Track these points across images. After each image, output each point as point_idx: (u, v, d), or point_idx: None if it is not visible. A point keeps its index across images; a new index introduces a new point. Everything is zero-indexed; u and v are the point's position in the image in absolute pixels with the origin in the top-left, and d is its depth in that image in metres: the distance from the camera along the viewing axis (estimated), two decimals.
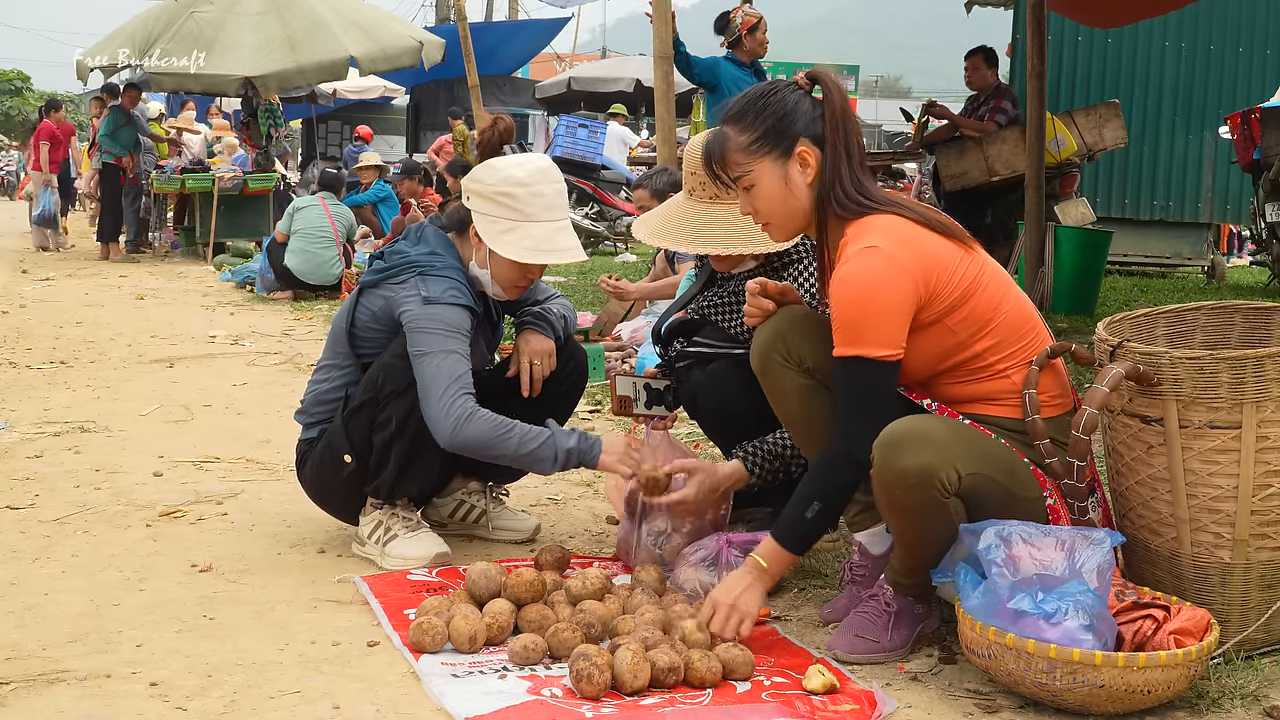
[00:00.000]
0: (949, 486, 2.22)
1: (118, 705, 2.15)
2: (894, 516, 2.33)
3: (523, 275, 2.97)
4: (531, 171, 2.90)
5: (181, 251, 13.59)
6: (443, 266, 2.92)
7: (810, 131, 2.38)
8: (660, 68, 6.53)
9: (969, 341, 2.35)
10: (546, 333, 3.12)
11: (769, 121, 2.39)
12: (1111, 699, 2.04)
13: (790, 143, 2.38)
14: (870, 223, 2.35)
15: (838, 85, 2.42)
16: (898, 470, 2.22)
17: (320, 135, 23.16)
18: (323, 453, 3.00)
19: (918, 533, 2.32)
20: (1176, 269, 12.03)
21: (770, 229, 2.48)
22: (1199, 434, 2.23)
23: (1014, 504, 2.30)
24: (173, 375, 5.85)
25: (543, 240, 2.89)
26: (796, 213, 2.42)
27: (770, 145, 2.38)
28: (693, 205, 2.99)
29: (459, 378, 2.80)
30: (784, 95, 2.40)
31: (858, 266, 2.30)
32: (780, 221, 2.45)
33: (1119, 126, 8.65)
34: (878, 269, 2.28)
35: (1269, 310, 2.57)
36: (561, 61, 32.10)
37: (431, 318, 2.84)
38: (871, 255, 2.29)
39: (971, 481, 2.24)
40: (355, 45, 12.42)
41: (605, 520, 3.41)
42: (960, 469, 2.22)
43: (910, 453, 2.21)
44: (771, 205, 2.43)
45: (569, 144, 14.43)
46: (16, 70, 50.13)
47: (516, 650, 2.33)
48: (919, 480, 2.21)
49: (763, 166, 2.40)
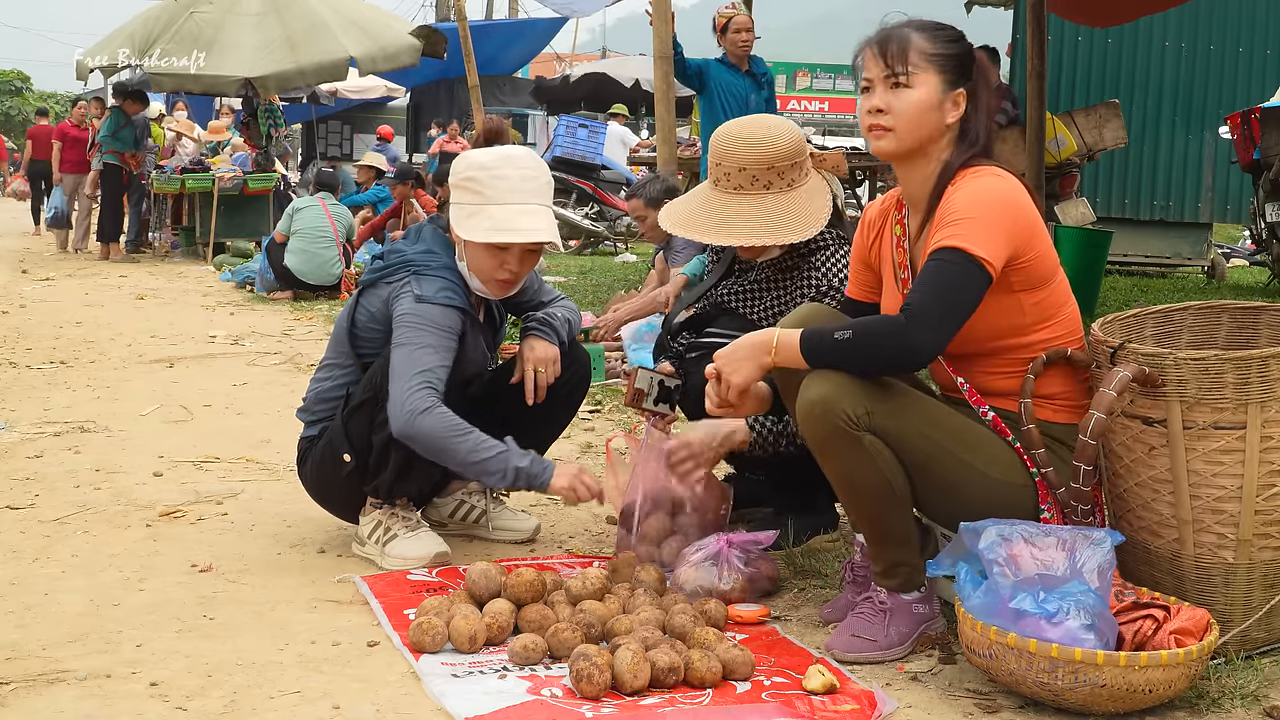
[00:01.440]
0: (854, 418, 2.25)
1: (118, 705, 2.14)
2: (817, 458, 2.37)
3: (498, 265, 2.90)
4: (497, 157, 2.89)
5: (181, 251, 13.59)
6: (438, 266, 2.92)
7: (971, 85, 2.43)
8: (660, 68, 6.53)
9: (1030, 328, 2.38)
10: (551, 339, 3.10)
11: (957, 50, 2.42)
12: (1113, 698, 2.04)
13: (959, 79, 2.41)
14: (992, 168, 2.40)
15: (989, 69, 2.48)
16: (804, 401, 2.29)
17: (320, 135, 23.16)
18: (323, 451, 3.00)
19: (843, 478, 2.34)
20: (1176, 269, 12.03)
21: (888, 135, 2.42)
22: (1203, 435, 2.23)
23: (989, 485, 2.32)
24: (173, 375, 5.85)
25: (503, 221, 2.84)
26: (922, 134, 2.40)
27: (948, 68, 2.41)
28: (718, 195, 2.97)
29: (426, 370, 2.78)
30: (968, 45, 2.46)
31: (989, 181, 2.35)
32: (903, 133, 2.41)
33: (1119, 126, 8.65)
34: (1007, 189, 2.34)
35: (1256, 310, 2.57)
36: (562, 61, 32.09)
37: (418, 314, 2.84)
38: (1002, 178, 2.36)
39: (887, 423, 2.27)
40: (355, 45, 12.42)
41: (605, 520, 3.41)
42: (869, 406, 2.26)
43: (816, 387, 2.28)
44: (910, 114, 2.39)
45: (569, 144, 14.43)
46: (16, 70, 50.12)
47: (516, 650, 2.33)
48: (822, 410, 2.26)
49: (930, 79, 2.40)
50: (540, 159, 2.98)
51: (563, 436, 3.91)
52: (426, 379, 2.78)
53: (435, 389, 2.78)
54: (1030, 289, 2.36)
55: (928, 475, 2.32)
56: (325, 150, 22.60)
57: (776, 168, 2.90)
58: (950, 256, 2.27)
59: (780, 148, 2.91)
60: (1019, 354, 2.40)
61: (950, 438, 2.32)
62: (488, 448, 2.76)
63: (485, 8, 30.34)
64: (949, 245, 2.27)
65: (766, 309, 3.08)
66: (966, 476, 2.32)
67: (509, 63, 21.97)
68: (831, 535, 3.17)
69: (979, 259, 2.25)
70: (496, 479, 2.78)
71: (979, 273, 2.26)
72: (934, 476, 2.32)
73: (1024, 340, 2.39)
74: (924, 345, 2.24)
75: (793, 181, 2.93)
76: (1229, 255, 13.81)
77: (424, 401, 2.75)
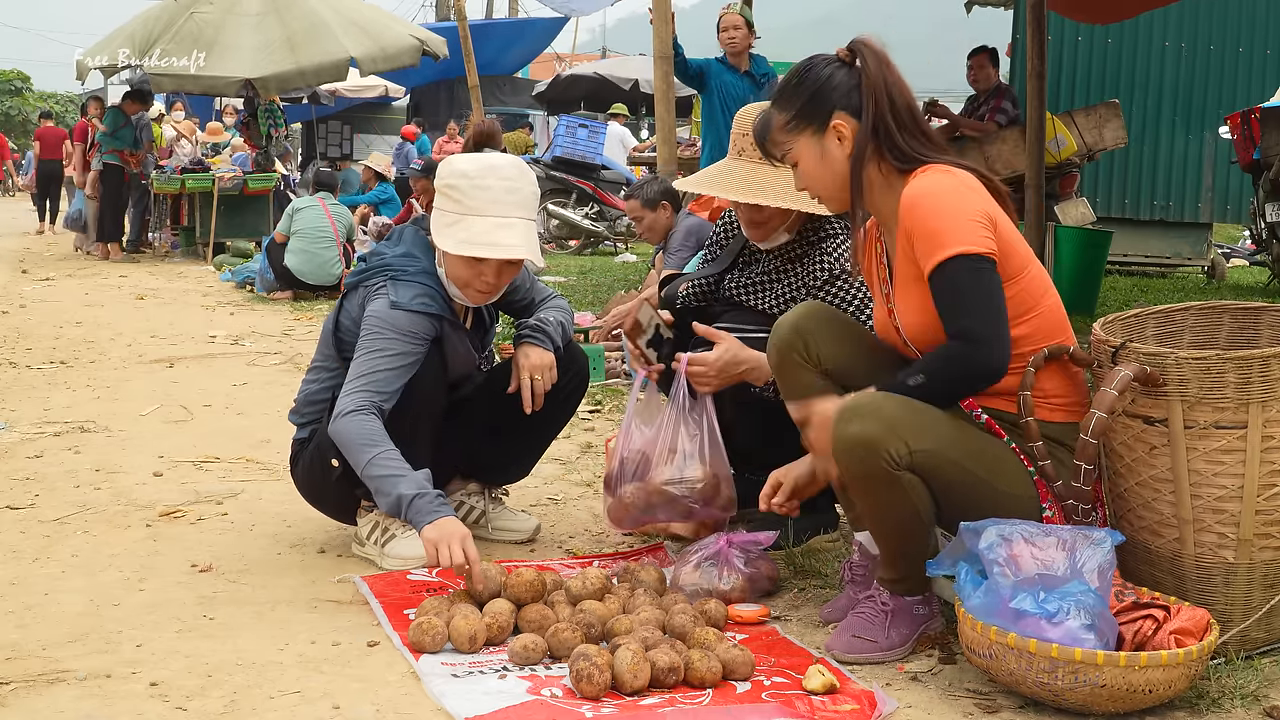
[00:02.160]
0: (897, 458, 2.22)
1: (118, 705, 2.14)
2: (854, 492, 2.36)
3: (475, 276, 2.88)
4: (481, 166, 2.86)
5: (181, 251, 13.58)
6: (415, 271, 2.90)
7: (847, 104, 2.39)
8: (660, 68, 6.54)
9: (1012, 321, 2.35)
10: (545, 346, 3.06)
11: (804, 97, 2.42)
12: (1113, 698, 2.04)
13: (825, 117, 2.40)
14: (938, 166, 2.37)
15: (875, 52, 2.41)
16: (845, 439, 2.25)
17: (320, 135, 23.16)
18: (312, 456, 2.99)
19: (880, 511, 2.32)
20: (1176, 269, 12.02)
21: (823, 202, 2.52)
22: (1204, 434, 2.23)
23: (998, 499, 2.29)
24: (173, 375, 5.85)
25: (479, 234, 2.81)
26: (837, 183, 2.44)
27: (806, 121, 2.42)
28: (742, 163, 3.03)
29: (367, 375, 2.79)
30: (818, 70, 2.42)
31: (929, 180, 2.32)
32: (828, 194, 2.48)
33: (1119, 126, 8.65)
34: (949, 183, 2.32)
35: (1257, 310, 2.57)
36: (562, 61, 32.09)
37: (382, 319, 2.83)
38: (942, 174, 2.33)
39: (927, 460, 2.24)
40: (355, 45, 12.41)
41: (605, 520, 3.41)
42: (910, 443, 2.22)
43: (857, 422, 2.24)
44: (814, 179, 2.46)
45: (569, 144, 14.43)
46: (16, 70, 50.10)
47: (516, 650, 2.33)
48: (866, 451, 2.22)
49: (801, 143, 2.43)
50: (526, 169, 2.93)
51: (562, 436, 3.91)
52: (364, 384, 2.79)
53: (371, 394, 2.78)
54: (1005, 282, 2.33)
55: (952, 497, 2.30)
56: (325, 150, 22.60)
57: None
58: (950, 271, 2.26)
59: None
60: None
61: (975, 460, 2.30)
62: (384, 468, 2.70)
63: (485, 7, 30.34)
64: (948, 256, 2.26)
65: (777, 298, 3.07)
66: (988, 495, 2.30)
67: (509, 63, 21.99)
68: (831, 535, 3.17)
69: (969, 253, 2.25)
70: (380, 499, 2.74)
71: (977, 261, 2.26)
72: (958, 498, 2.30)
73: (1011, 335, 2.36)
74: (996, 358, 2.27)
75: None
76: (1229, 255, 13.81)
77: (351, 405, 2.76)
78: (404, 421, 2.83)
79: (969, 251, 2.25)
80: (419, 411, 2.89)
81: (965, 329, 2.27)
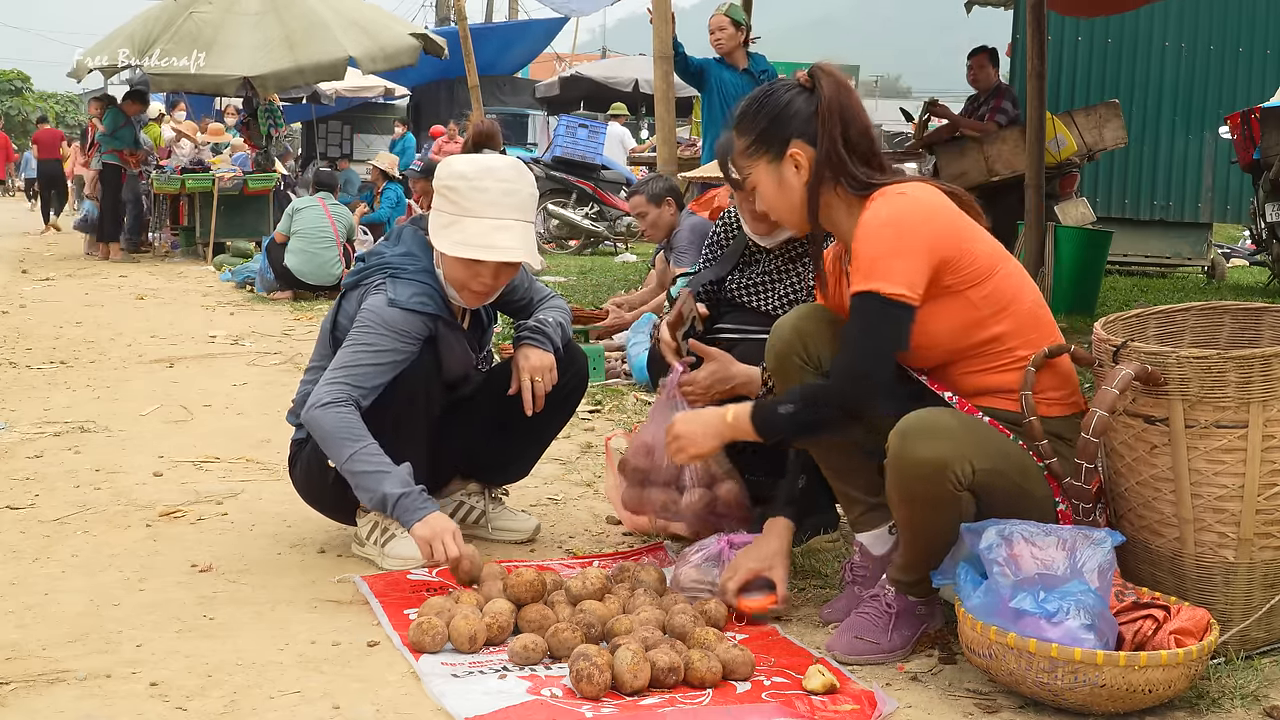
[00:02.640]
0: (962, 480, 2.22)
1: (118, 705, 2.14)
2: (904, 507, 2.32)
3: (471, 277, 2.87)
4: (479, 168, 2.84)
5: (181, 251, 13.59)
6: (414, 270, 2.90)
7: (804, 131, 2.40)
8: (660, 68, 6.54)
9: (988, 321, 2.36)
10: (545, 347, 3.05)
11: (763, 124, 2.44)
12: (1113, 698, 2.04)
13: (782, 145, 2.42)
14: (897, 187, 2.38)
15: (834, 79, 2.42)
16: (913, 460, 2.22)
17: (320, 135, 23.15)
18: (310, 455, 2.99)
19: (925, 525, 2.31)
20: (1176, 269, 12.03)
21: (784, 225, 2.55)
22: (1205, 433, 2.23)
23: (1026, 502, 2.30)
24: (173, 375, 5.85)
25: (475, 236, 2.80)
26: (795, 209, 2.46)
27: (764, 148, 2.44)
28: None
29: (350, 368, 2.79)
30: (778, 97, 2.43)
31: (885, 205, 2.33)
32: (787, 218, 2.51)
33: (1119, 126, 8.65)
34: (905, 209, 2.32)
35: (1258, 310, 2.58)
36: (562, 61, 32.09)
37: (377, 316, 2.83)
38: (900, 199, 2.34)
39: (985, 478, 2.24)
40: (354, 45, 12.41)
41: (605, 520, 3.41)
42: (975, 464, 2.22)
43: (927, 443, 2.21)
44: (773, 204, 2.49)
45: (569, 144, 14.43)
46: (16, 70, 50.10)
47: (516, 650, 2.33)
48: (934, 471, 2.21)
49: (759, 168, 2.46)
50: (524, 171, 2.92)
51: (562, 436, 3.91)
52: (344, 376, 2.78)
53: (351, 387, 2.77)
54: (973, 285, 2.35)
55: (996, 507, 2.29)
56: (325, 150, 22.59)
57: None
58: (862, 304, 2.30)
59: None
60: (990, 348, 2.38)
61: (1016, 470, 2.30)
62: (368, 463, 2.69)
63: (485, 9, 30.34)
64: (859, 290, 2.30)
65: (780, 299, 3.07)
66: (1023, 501, 2.30)
67: (509, 63, 21.99)
68: (831, 535, 3.17)
69: (888, 295, 2.26)
70: (364, 495, 2.73)
71: (896, 309, 2.27)
72: (1001, 507, 2.29)
73: (988, 333, 2.37)
74: (863, 397, 2.31)
75: None
76: (1229, 255, 13.82)
77: (329, 396, 2.75)
78: (394, 420, 2.83)
79: (885, 293, 2.27)
80: (409, 410, 2.88)
81: (845, 363, 2.33)
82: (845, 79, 2.45)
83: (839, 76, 2.44)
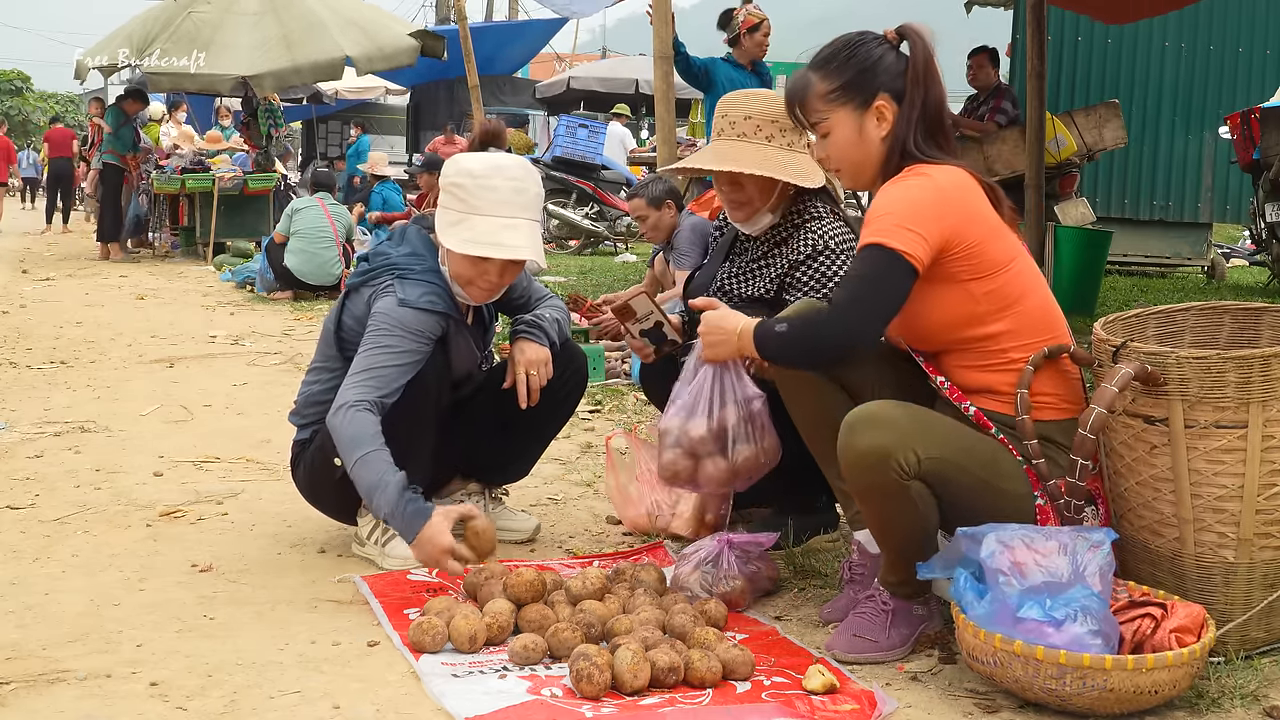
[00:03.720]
0: (907, 468, 2.23)
1: (118, 705, 2.14)
2: (861, 501, 2.36)
3: (478, 274, 2.87)
4: (487, 165, 2.85)
5: (181, 251, 13.59)
6: (422, 270, 2.89)
7: (891, 86, 2.41)
8: (660, 68, 6.53)
9: (987, 318, 2.36)
10: (541, 341, 3.06)
11: (851, 72, 2.42)
12: (1119, 701, 2.04)
13: (870, 95, 2.42)
14: (931, 166, 2.39)
15: (924, 43, 2.43)
16: (856, 450, 2.25)
17: (320, 135, 23.15)
18: (314, 456, 2.99)
19: (886, 518, 2.33)
20: (1176, 269, 12.03)
21: (841, 175, 2.53)
22: (1204, 433, 2.23)
23: (995, 498, 2.30)
24: (173, 375, 5.85)
25: (484, 234, 2.80)
26: (866, 163, 2.46)
27: (850, 96, 2.42)
28: (720, 141, 3.08)
29: (372, 369, 2.77)
30: (870, 48, 2.43)
31: (901, 183, 2.36)
32: (850, 170, 2.49)
33: (1119, 126, 8.65)
34: (919, 185, 2.34)
35: (1258, 311, 2.58)
36: (561, 61, 32.09)
37: (391, 317, 2.82)
38: (918, 178, 2.36)
39: (935, 466, 2.25)
40: (352, 45, 12.42)
41: (605, 520, 3.41)
42: (919, 452, 2.23)
43: (868, 433, 2.24)
44: (843, 153, 2.47)
45: (569, 144, 14.43)
46: (16, 70, 50.10)
47: (516, 650, 2.33)
48: (877, 460, 2.23)
49: (840, 115, 2.44)
50: (532, 170, 2.93)
51: (562, 436, 3.91)
52: (369, 379, 2.77)
53: (374, 390, 2.76)
54: (978, 278, 2.35)
55: (956, 500, 2.31)
56: (325, 150, 22.60)
57: (780, 123, 3.00)
58: (868, 253, 2.31)
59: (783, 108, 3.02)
60: (985, 346, 2.38)
61: (977, 462, 2.31)
62: (374, 470, 2.65)
63: (485, 8, 30.34)
64: (867, 242, 2.32)
65: (769, 282, 3.06)
66: (989, 495, 2.31)
67: (509, 63, 21.96)
68: (831, 535, 3.17)
69: (897, 251, 2.28)
70: (368, 500, 2.70)
71: (900, 264, 2.29)
72: (962, 500, 2.31)
73: (985, 330, 2.37)
74: (857, 331, 2.30)
75: (792, 144, 3.03)
76: (1229, 255, 13.82)
77: (351, 397, 2.74)
78: (407, 419, 2.83)
79: (888, 245, 2.29)
80: (422, 409, 2.88)
81: (840, 299, 2.33)
82: (932, 44, 2.44)
83: (928, 39, 2.44)
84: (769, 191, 3.03)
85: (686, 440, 2.62)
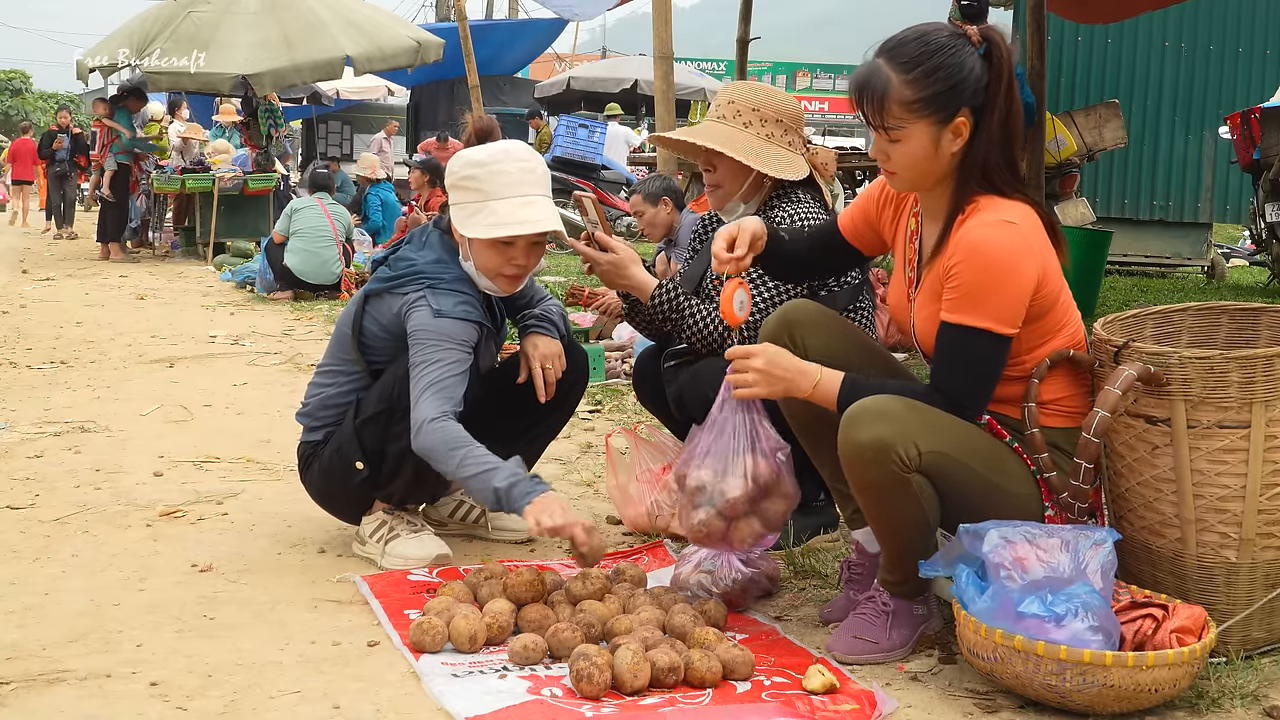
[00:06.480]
0: (908, 460, 2.21)
1: (118, 705, 2.14)
2: (862, 496, 2.33)
3: (505, 261, 2.87)
4: (492, 152, 2.86)
5: (181, 251, 13.58)
6: (451, 279, 2.89)
7: (973, 101, 2.30)
8: (660, 68, 6.52)
9: (1033, 347, 2.36)
10: (552, 334, 3.09)
11: (940, 85, 2.27)
12: (1120, 699, 2.04)
13: (953, 112, 2.29)
14: (1004, 202, 2.31)
15: (1009, 54, 2.32)
16: (857, 444, 2.23)
17: (320, 135, 23.15)
18: (332, 458, 2.98)
19: (887, 513, 2.31)
20: (1176, 269, 12.03)
21: (896, 179, 2.41)
22: (1207, 434, 2.23)
23: (1000, 496, 2.30)
24: (173, 375, 5.85)
25: (506, 215, 2.81)
26: (930, 174, 2.36)
27: (934, 110, 2.28)
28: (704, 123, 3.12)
29: (437, 383, 2.76)
30: (962, 58, 2.27)
31: (997, 237, 2.25)
32: (910, 177, 2.38)
33: (1119, 126, 8.65)
34: (1016, 246, 2.26)
35: (1256, 310, 2.58)
36: (561, 62, 32.09)
37: (436, 330, 2.81)
38: (1011, 231, 2.26)
39: (936, 460, 2.24)
40: (352, 45, 12.42)
41: (605, 520, 3.41)
42: (920, 445, 2.21)
43: (868, 426, 2.22)
44: (909, 162, 2.34)
45: (569, 144, 14.45)
46: (17, 70, 50.11)
47: (516, 650, 2.33)
48: (877, 452, 2.21)
49: (918, 128, 2.30)
50: (535, 151, 2.96)
51: (562, 436, 3.91)
52: (437, 391, 2.76)
53: (444, 400, 2.75)
54: (1033, 321, 2.33)
55: (958, 497, 2.30)
56: (325, 150, 22.60)
57: (762, 113, 3.02)
58: (968, 335, 2.26)
59: (774, 101, 3.06)
60: (1016, 368, 2.38)
61: (981, 461, 2.30)
62: (475, 464, 2.67)
63: (485, 8, 30.34)
64: (963, 323, 2.26)
65: None
66: (993, 495, 2.30)
67: (509, 63, 21.98)
68: (831, 535, 3.17)
69: (997, 334, 2.26)
70: (478, 494, 2.71)
71: (999, 342, 2.27)
72: (964, 498, 2.30)
73: (1023, 358, 2.37)
74: (968, 413, 2.31)
75: (771, 136, 3.04)
76: (1229, 255, 13.83)
77: (431, 412, 2.73)
78: None
79: (995, 331, 2.25)
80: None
81: (953, 388, 2.30)
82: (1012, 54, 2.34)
83: (1011, 50, 2.34)
84: (740, 177, 3.06)
85: (722, 501, 2.51)
